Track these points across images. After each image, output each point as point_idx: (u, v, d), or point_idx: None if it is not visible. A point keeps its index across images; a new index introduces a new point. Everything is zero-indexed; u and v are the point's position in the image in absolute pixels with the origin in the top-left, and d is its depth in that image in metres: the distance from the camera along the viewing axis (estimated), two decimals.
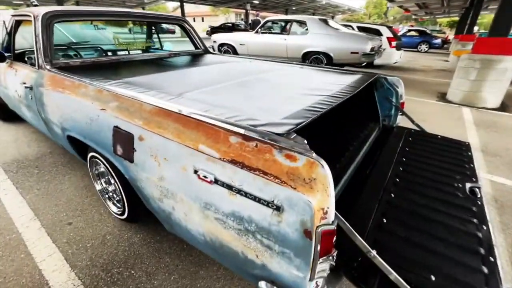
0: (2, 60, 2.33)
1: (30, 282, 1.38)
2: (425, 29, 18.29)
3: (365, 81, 1.83)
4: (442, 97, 5.40)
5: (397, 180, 1.42)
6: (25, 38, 2.71)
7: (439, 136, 2.02)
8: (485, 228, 1.14)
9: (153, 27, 3.35)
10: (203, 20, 47.31)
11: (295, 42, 6.46)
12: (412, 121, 2.09)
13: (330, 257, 0.82)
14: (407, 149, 1.77)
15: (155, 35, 3.39)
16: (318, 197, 0.76)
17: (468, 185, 1.42)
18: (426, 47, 16.65)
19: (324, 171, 0.76)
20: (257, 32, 7.16)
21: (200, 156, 0.98)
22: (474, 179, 1.48)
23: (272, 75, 2.05)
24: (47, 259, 1.51)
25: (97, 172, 1.82)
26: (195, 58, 2.86)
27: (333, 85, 1.72)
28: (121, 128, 1.27)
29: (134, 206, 1.56)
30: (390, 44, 7.74)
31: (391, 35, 7.81)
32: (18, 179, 2.25)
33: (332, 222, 0.79)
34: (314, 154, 0.80)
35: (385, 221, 1.11)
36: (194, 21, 48.22)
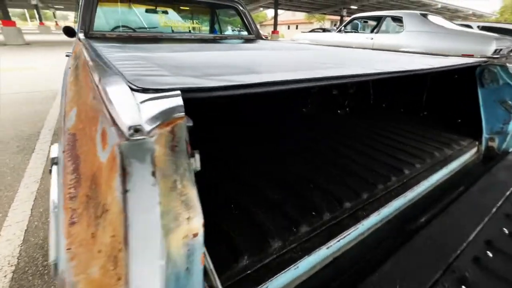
0: (72, 36, 2.56)
1: None
2: None
3: (451, 65, 1.06)
4: None
5: (489, 254, 0.66)
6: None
7: None
8: None
9: (212, 12, 3.22)
10: (297, 28, 47.87)
11: (384, 42, 5.39)
12: None
13: None
14: None
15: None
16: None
17: None
18: None
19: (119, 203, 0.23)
20: (340, 31, 6.39)
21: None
22: None
23: (303, 52, 1.49)
24: (13, 225, 1.42)
25: None
26: (238, 41, 2.53)
27: (384, 64, 1.04)
28: (64, 90, 1.01)
29: None
30: None
31: None
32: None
33: None
34: (144, 139, 0.27)
35: None
36: (289, 28, 49.38)
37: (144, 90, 0.41)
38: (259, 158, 1.19)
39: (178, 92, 0.40)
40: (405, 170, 1.08)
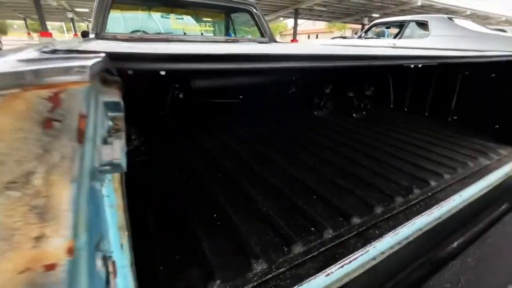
0: (85, 37, 2.63)
1: None
2: None
3: (490, 55, 0.89)
4: None
5: None
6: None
7: None
8: None
9: (226, 17, 3.21)
10: (317, 37, 47.85)
11: (407, 47, 5.13)
12: None
13: None
14: None
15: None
16: None
17: None
18: None
19: None
20: (360, 37, 6.22)
21: None
22: None
23: (312, 48, 1.37)
24: None
25: None
26: (249, 43, 2.47)
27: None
28: None
29: None
30: None
31: None
32: None
33: None
34: None
35: None
36: (308, 37, 49.51)
37: (54, 52, 0.31)
38: (258, 160, 1.07)
39: (96, 55, 0.29)
40: (430, 181, 0.90)
